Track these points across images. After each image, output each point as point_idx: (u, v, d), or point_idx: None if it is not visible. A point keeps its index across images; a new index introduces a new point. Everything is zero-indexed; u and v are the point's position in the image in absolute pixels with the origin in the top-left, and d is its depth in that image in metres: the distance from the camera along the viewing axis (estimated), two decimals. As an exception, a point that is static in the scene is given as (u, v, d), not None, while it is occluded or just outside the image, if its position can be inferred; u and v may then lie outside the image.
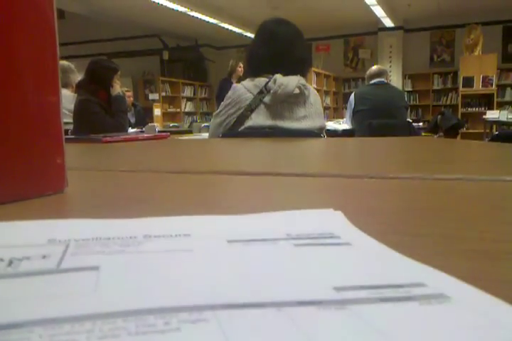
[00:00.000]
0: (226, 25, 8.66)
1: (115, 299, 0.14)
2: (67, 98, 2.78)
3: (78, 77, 3.08)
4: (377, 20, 8.73)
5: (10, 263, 0.18)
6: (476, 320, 0.13)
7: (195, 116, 10.24)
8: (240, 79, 4.84)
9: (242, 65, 5.02)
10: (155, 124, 4.87)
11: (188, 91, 10.20)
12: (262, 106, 1.44)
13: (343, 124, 3.81)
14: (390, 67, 9.01)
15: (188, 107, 10.24)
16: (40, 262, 0.18)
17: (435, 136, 5.36)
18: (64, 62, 3.03)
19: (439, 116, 6.04)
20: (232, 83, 4.78)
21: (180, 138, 2.07)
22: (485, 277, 0.17)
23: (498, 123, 6.19)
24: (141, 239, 0.21)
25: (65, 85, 2.94)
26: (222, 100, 1.54)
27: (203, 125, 3.97)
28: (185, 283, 0.15)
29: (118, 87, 2.57)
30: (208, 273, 0.17)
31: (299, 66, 1.53)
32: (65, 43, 8.89)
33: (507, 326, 0.12)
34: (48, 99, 0.35)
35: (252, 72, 1.54)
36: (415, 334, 0.12)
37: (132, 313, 0.13)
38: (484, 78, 7.86)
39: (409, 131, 3.37)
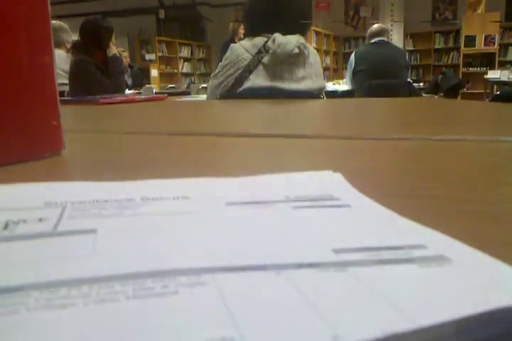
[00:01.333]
0: (223, -18, 8.42)
1: (112, 262, 0.14)
2: (62, 58, 2.73)
3: (71, 36, 3.01)
4: (379, -23, 8.49)
5: (6, 226, 0.17)
6: (477, 282, 0.13)
7: (192, 77, 10.11)
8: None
9: (243, 26, 4.92)
10: (152, 86, 4.82)
11: (185, 52, 10.03)
12: (260, 66, 1.42)
13: (343, 85, 3.77)
14: (392, 25, 8.81)
15: (186, 68, 10.09)
16: (37, 225, 0.18)
17: (435, 97, 5.32)
18: (55, 22, 2.95)
19: (440, 76, 5.96)
20: None
21: (178, 99, 2.05)
22: (485, 239, 0.17)
23: (500, 83, 6.12)
24: (138, 202, 0.21)
25: (58, 45, 2.87)
26: None
27: (201, 86, 3.92)
28: (183, 246, 0.15)
29: (114, 48, 2.52)
30: (206, 236, 0.16)
31: (298, 23, 1.49)
32: (57, 2, 8.65)
33: (508, 288, 0.12)
34: (41, 60, 0.35)
35: (250, 31, 1.50)
36: (415, 296, 0.12)
37: (130, 277, 0.13)
38: (487, 37, 7.71)
39: (410, 91, 3.34)
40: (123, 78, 2.63)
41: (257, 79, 1.41)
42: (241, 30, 4.95)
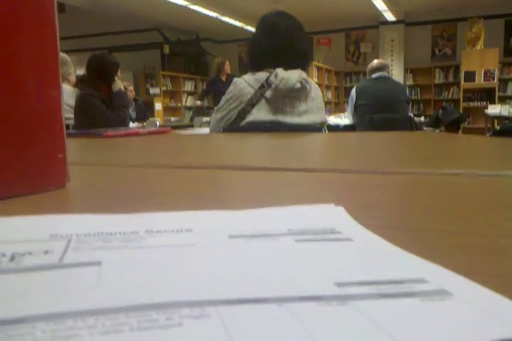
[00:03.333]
0: (227, 19, 8.63)
1: (117, 294, 0.14)
2: (67, 93, 2.77)
3: (72, 68, 3.06)
4: (379, 14, 8.69)
5: (12, 258, 0.18)
6: (477, 316, 0.13)
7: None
8: (228, 76, 5.03)
9: (228, 63, 5.22)
10: (156, 119, 4.88)
11: (188, 86, 10.18)
12: (263, 100, 1.44)
13: (345, 119, 3.81)
14: (392, 61, 8.98)
15: (189, 102, 10.23)
16: (43, 257, 0.18)
17: (436, 131, 5.36)
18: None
19: (441, 111, 6.02)
20: (222, 81, 4.96)
21: (181, 132, 2.07)
22: (486, 273, 0.17)
23: (500, 117, 6.17)
24: (143, 234, 0.21)
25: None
26: (205, 96, 1.55)
27: (204, 119, 3.97)
28: (186, 279, 0.16)
29: (119, 82, 2.57)
30: (209, 269, 0.17)
31: (300, 59, 1.53)
32: (66, 37, 8.86)
33: (508, 321, 0.12)
34: (48, 94, 0.35)
35: (253, 66, 1.54)
36: (416, 330, 0.12)
37: (134, 308, 0.13)
38: (486, 72, 7.83)
39: (411, 126, 3.37)
40: (127, 111, 2.66)
41: (260, 113, 1.43)
42: (226, 66, 5.20)
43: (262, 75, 1.47)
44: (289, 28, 1.52)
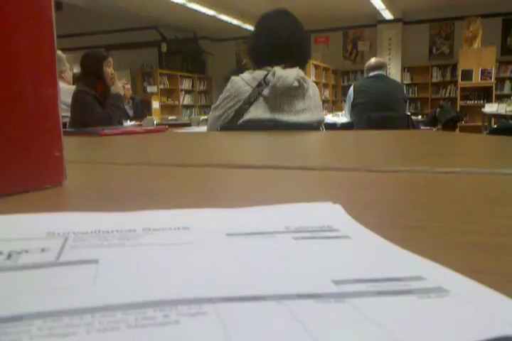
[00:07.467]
0: (224, 17, 8.62)
1: (114, 292, 0.14)
2: (62, 90, 2.75)
3: (67, 65, 3.05)
4: (377, 13, 8.69)
5: (9, 256, 0.18)
6: (475, 313, 0.13)
7: (193, 109, 10.22)
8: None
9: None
10: (153, 117, 4.87)
11: (186, 84, 10.17)
12: (260, 99, 1.44)
13: (342, 117, 3.81)
14: (389, 59, 8.99)
15: (187, 100, 10.21)
16: (39, 255, 0.18)
17: (434, 129, 5.36)
18: None
19: (438, 109, 6.04)
20: None
21: (178, 131, 2.07)
22: (483, 270, 0.17)
23: (497, 116, 6.18)
24: (140, 232, 0.21)
25: None
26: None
27: (201, 118, 3.96)
28: (184, 276, 0.16)
29: (120, 86, 2.54)
30: (207, 266, 0.17)
31: (300, 58, 1.53)
32: (63, 35, 8.83)
33: (505, 319, 0.12)
34: (45, 92, 0.35)
35: (254, 64, 1.54)
36: (414, 328, 0.12)
37: (131, 306, 0.13)
38: (483, 71, 7.84)
39: (408, 124, 3.37)
40: (117, 112, 2.60)
41: (257, 112, 1.43)
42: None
43: (259, 74, 1.47)
44: (290, 27, 1.52)
